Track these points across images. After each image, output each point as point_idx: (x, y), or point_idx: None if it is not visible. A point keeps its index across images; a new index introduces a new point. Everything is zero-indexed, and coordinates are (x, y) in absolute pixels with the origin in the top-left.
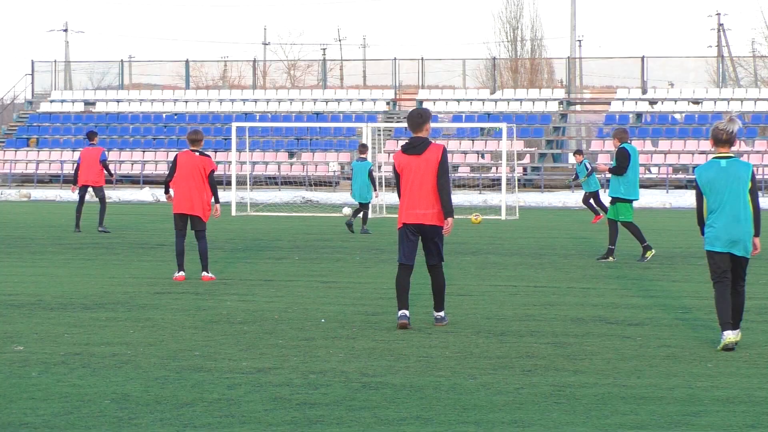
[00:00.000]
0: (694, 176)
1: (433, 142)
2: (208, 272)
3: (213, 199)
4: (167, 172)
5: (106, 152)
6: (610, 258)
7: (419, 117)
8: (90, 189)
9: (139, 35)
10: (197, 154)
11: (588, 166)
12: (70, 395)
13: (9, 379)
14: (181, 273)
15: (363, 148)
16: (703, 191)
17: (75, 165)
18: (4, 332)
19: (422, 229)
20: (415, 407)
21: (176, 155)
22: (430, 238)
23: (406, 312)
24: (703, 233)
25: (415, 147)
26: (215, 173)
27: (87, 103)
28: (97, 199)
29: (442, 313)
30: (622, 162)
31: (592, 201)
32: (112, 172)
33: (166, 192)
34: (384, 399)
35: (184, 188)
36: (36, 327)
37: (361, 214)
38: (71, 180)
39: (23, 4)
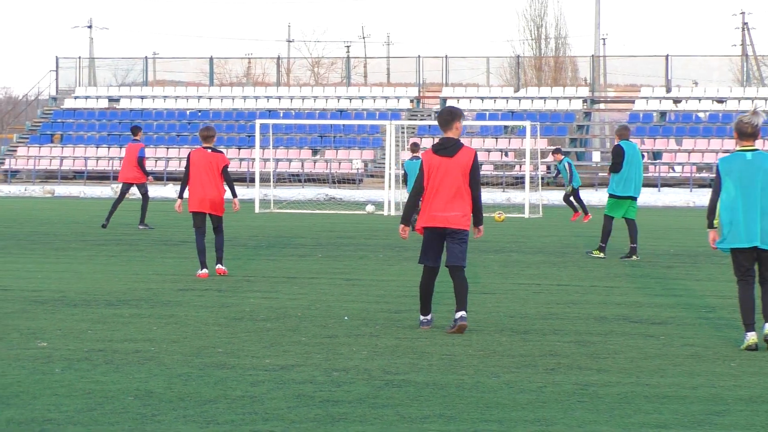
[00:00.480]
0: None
1: (464, 144)
2: (222, 265)
3: (231, 194)
4: (184, 172)
5: (146, 149)
6: (634, 257)
7: (449, 115)
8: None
9: (163, 32)
10: (209, 150)
11: (567, 166)
12: (94, 391)
13: (33, 375)
14: (204, 270)
15: (416, 146)
16: (723, 180)
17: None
18: (28, 328)
19: (447, 232)
20: (438, 405)
21: (189, 153)
22: (454, 242)
23: (429, 317)
24: (710, 225)
25: (446, 148)
26: (228, 168)
27: (111, 99)
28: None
29: (462, 313)
30: (615, 159)
31: (572, 198)
32: (148, 172)
33: (181, 196)
34: (407, 397)
35: (198, 186)
36: (59, 323)
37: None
38: (95, 176)
39: (48, 0)
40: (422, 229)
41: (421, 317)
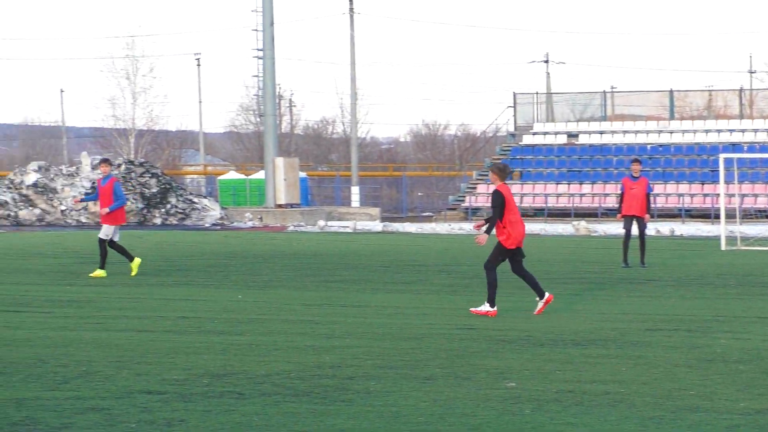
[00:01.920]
0: None
1: None
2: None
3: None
4: (495, 208)
5: (651, 185)
6: None
7: None
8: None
9: (621, 65)
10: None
11: None
12: None
13: (502, 415)
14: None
15: None
16: None
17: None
18: (496, 368)
19: None
20: None
21: (499, 191)
22: None
23: None
24: None
25: None
26: None
27: (569, 135)
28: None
29: None
30: None
31: None
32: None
33: (488, 231)
34: None
35: (519, 222)
36: (527, 363)
37: None
38: (556, 213)
39: (505, 37)
40: None
41: None
